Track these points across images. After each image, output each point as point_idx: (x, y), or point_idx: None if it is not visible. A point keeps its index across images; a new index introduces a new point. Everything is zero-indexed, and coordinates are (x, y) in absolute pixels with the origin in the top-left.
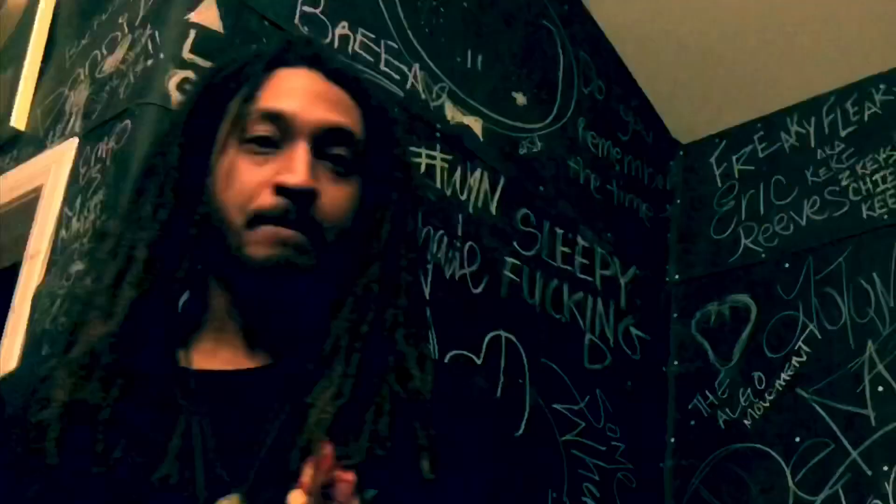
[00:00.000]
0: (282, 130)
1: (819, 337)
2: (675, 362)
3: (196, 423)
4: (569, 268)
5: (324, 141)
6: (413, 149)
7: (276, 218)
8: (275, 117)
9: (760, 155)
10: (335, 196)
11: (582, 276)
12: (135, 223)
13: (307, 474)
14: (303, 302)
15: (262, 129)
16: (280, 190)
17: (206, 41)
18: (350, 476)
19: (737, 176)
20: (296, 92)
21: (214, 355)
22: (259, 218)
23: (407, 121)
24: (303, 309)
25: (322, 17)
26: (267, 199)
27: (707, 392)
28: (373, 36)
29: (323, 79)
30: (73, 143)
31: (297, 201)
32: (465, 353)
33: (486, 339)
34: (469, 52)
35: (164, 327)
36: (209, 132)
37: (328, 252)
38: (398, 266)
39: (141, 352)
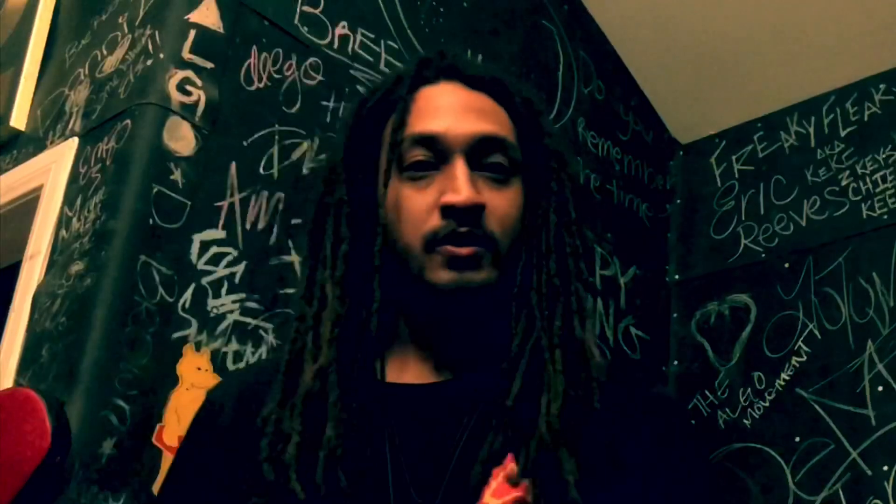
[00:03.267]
0: (436, 152)
1: (819, 337)
2: (675, 362)
3: (388, 437)
4: None
5: (479, 152)
6: None
7: (450, 238)
8: (427, 140)
9: (760, 155)
10: (500, 205)
11: None
12: (319, 262)
13: (491, 488)
14: (486, 317)
15: (418, 155)
16: (447, 211)
17: (205, 41)
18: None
19: (737, 176)
20: (441, 110)
21: (403, 373)
22: (434, 241)
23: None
24: (486, 323)
25: (322, 17)
26: (436, 222)
27: (707, 392)
28: (373, 36)
29: (465, 88)
30: (73, 143)
31: (466, 219)
32: None
33: None
34: (469, 52)
35: (363, 357)
36: (369, 163)
37: (506, 263)
38: (568, 255)
39: (351, 382)
